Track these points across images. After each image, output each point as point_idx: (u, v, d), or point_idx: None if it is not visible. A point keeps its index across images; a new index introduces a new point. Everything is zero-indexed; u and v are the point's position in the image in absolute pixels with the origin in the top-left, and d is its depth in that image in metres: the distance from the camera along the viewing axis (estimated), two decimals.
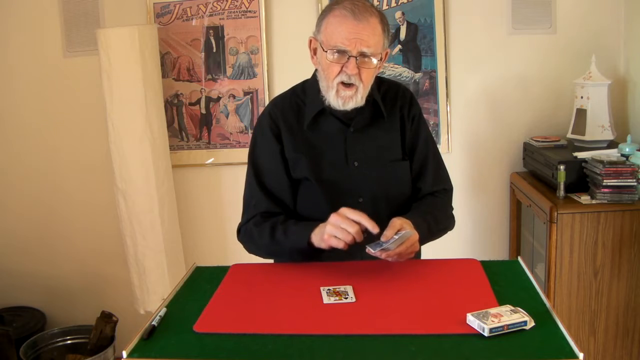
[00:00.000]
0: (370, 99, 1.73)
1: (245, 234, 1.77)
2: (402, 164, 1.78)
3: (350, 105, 1.67)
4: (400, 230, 1.53)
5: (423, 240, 1.66)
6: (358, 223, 1.51)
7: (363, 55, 1.61)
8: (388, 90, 1.81)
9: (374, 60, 1.63)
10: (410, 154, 1.79)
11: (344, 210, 1.54)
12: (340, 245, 1.51)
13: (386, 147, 1.77)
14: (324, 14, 1.67)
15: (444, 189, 1.83)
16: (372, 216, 1.72)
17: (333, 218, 1.53)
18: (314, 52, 1.72)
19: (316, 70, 1.76)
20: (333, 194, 1.72)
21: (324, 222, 1.57)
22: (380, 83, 1.80)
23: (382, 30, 1.64)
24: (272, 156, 1.75)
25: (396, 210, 1.74)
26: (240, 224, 1.79)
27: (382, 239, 1.51)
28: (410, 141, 1.80)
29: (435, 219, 1.72)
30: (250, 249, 1.78)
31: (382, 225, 1.59)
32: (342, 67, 1.62)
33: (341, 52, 1.61)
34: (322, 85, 1.70)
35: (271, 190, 1.75)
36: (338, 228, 1.51)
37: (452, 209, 1.86)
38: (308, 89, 1.78)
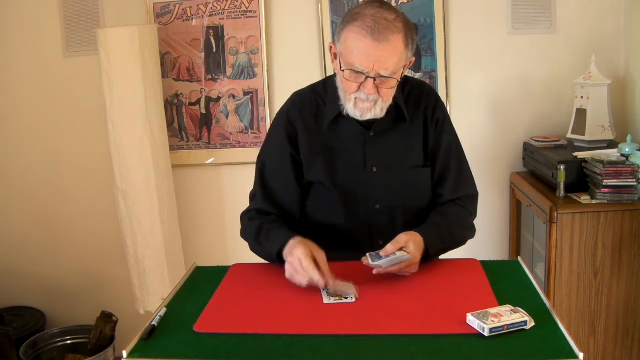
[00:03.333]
0: (392, 101, 1.65)
1: (242, 224, 1.75)
2: (423, 171, 1.72)
3: (368, 116, 1.61)
4: (404, 248, 1.49)
5: (435, 253, 1.62)
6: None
7: (381, 76, 1.54)
8: (412, 91, 1.73)
9: (391, 83, 1.57)
10: (432, 158, 1.73)
11: (301, 256, 1.45)
12: (302, 285, 1.46)
13: (407, 153, 1.70)
14: (344, 23, 1.57)
15: (467, 195, 1.76)
16: (388, 223, 1.68)
17: (289, 259, 1.47)
18: (334, 57, 1.64)
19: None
20: (348, 199, 1.68)
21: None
22: (405, 83, 1.72)
23: (405, 46, 1.54)
24: (281, 159, 1.71)
25: (413, 218, 1.70)
26: (242, 212, 1.76)
27: (382, 253, 1.49)
28: (433, 145, 1.73)
29: (451, 233, 1.66)
30: (244, 239, 1.74)
31: (397, 234, 1.55)
32: (359, 86, 1.56)
33: (358, 73, 1.55)
34: (340, 94, 1.64)
35: (272, 191, 1.72)
36: (295, 272, 1.46)
37: (475, 216, 1.78)
38: (329, 88, 1.71)
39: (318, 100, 1.73)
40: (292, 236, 1.54)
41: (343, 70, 1.56)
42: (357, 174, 1.69)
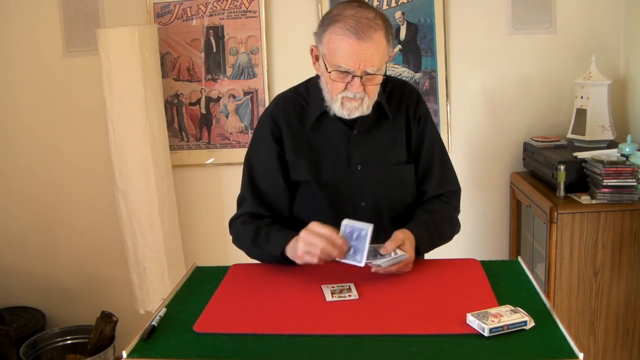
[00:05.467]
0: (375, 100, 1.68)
1: (233, 231, 1.76)
2: (407, 168, 1.74)
3: (356, 114, 1.63)
4: (401, 247, 1.52)
5: (425, 250, 1.64)
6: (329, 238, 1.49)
7: (367, 73, 1.57)
8: (393, 89, 1.76)
9: (377, 79, 1.59)
10: (415, 155, 1.76)
11: (313, 226, 1.51)
12: (314, 261, 1.49)
13: (390, 150, 1.73)
14: (325, 25, 1.59)
15: (451, 190, 1.79)
16: (374, 221, 1.70)
17: (303, 234, 1.51)
18: (316, 58, 1.67)
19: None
20: (334, 197, 1.70)
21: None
22: (386, 82, 1.74)
23: (387, 42, 1.58)
24: (268, 158, 1.72)
25: (399, 215, 1.72)
26: (231, 218, 1.78)
27: (382, 251, 1.51)
28: (415, 142, 1.75)
29: (439, 229, 1.69)
30: (238, 247, 1.76)
31: (383, 230, 1.58)
32: (346, 85, 1.59)
33: (345, 72, 1.57)
34: (326, 95, 1.66)
35: (262, 192, 1.73)
36: (309, 244, 1.49)
37: (459, 212, 1.82)
38: (312, 89, 1.74)
39: (301, 101, 1.75)
40: (294, 235, 1.57)
41: (329, 72, 1.58)
42: (342, 172, 1.71)
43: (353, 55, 1.54)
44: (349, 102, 1.61)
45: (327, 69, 1.60)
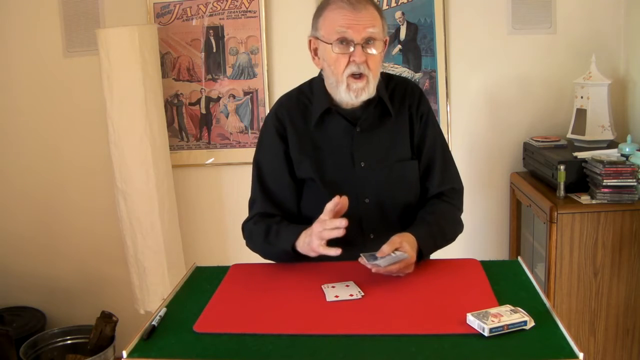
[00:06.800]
0: (377, 97, 1.70)
1: (246, 233, 1.77)
2: (410, 164, 1.75)
3: (363, 97, 1.65)
4: (398, 249, 1.51)
5: (429, 252, 1.65)
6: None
7: (367, 41, 1.60)
8: (396, 87, 1.77)
9: (378, 46, 1.63)
10: (418, 152, 1.76)
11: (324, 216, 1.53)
12: (331, 252, 1.50)
13: (394, 147, 1.74)
14: (319, 12, 1.67)
15: (452, 188, 1.80)
16: (378, 217, 1.71)
17: (316, 226, 1.52)
18: (315, 52, 1.70)
19: (321, 70, 1.74)
20: (338, 194, 1.71)
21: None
22: (389, 80, 1.77)
23: (380, 17, 1.65)
24: (275, 157, 1.74)
25: (403, 212, 1.73)
26: (243, 221, 1.79)
27: (378, 254, 1.50)
28: (418, 140, 1.76)
29: (442, 230, 1.69)
30: (252, 249, 1.77)
31: (388, 227, 1.59)
32: (349, 58, 1.61)
33: (346, 42, 1.60)
34: (331, 82, 1.67)
35: (272, 191, 1.74)
36: (325, 231, 1.50)
37: (462, 211, 1.82)
38: (315, 88, 1.76)
39: (304, 100, 1.77)
40: (303, 229, 1.59)
41: (331, 45, 1.61)
42: (346, 169, 1.72)
43: (351, 21, 1.60)
44: (355, 83, 1.63)
45: (327, 43, 1.62)
